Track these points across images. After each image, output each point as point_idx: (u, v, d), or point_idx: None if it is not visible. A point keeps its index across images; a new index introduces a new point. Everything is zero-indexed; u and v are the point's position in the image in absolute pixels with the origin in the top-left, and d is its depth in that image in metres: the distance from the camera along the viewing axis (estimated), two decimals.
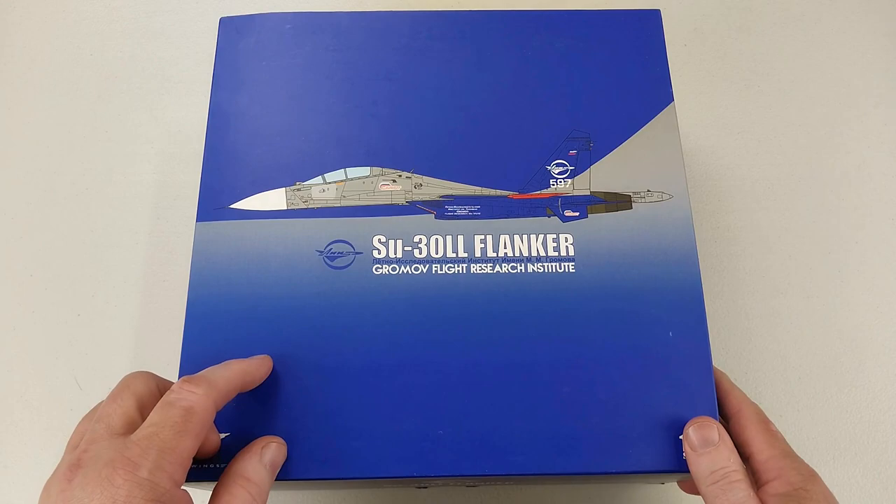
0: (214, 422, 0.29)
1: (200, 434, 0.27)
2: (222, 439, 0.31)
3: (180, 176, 0.50)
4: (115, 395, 0.28)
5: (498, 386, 0.32)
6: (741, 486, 0.29)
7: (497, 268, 0.34)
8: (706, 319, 0.33)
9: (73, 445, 0.29)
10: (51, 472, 0.43)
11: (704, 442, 0.30)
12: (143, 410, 0.28)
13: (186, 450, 0.26)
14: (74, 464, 0.26)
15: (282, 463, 0.30)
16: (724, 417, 0.33)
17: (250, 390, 0.32)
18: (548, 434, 0.31)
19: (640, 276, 0.34)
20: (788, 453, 0.31)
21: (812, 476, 0.30)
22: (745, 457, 0.31)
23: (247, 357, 0.32)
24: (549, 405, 0.32)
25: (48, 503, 0.25)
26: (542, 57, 0.39)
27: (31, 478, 0.42)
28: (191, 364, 0.32)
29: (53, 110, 0.52)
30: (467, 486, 0.41)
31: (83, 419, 0.30)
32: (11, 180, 0.50)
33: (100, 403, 0.29)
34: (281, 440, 0.31)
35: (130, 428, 0.27)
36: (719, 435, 0.30)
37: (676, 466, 0.31)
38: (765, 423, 0.32)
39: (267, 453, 0.30)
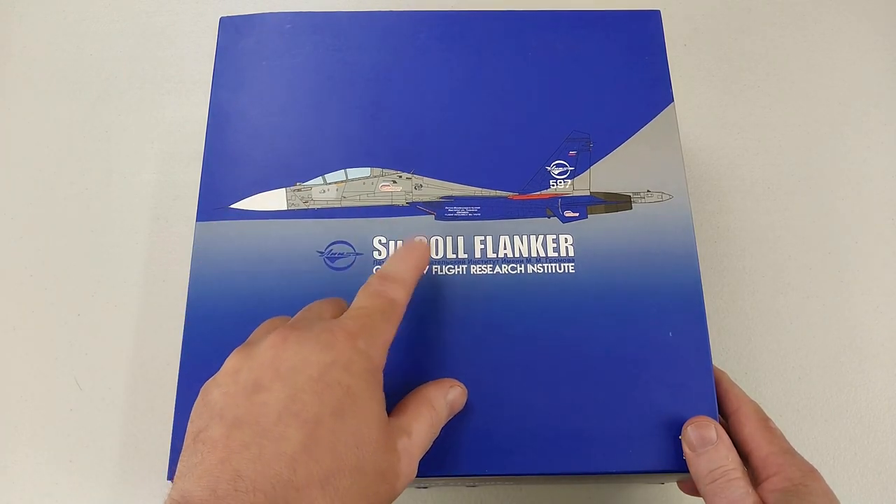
0: None
1: (394, 330, 0.28)
2: None
3: (180, 176, 0.50)
4: (315, 302, 0.30)
5: (497, 386, 0.32)
6: (739, 484, 0.29)
7: (497, 269, 0.34)
8: (706, 319, 0.33)
9: (289, 322, 0.29)
10: (50, 473, 0.43)
11: (703, 441, 0.30)
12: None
13: (390, 336, 0.28)
14: (294, 326, 0.26)
15: (458, 410, 0.31)
16: (724, 416, 0.33)
17: None
18: (548, 434, 0.31)
19: (640, 277, 0.34)
20: (788, 450, 0.31)
21: (812, 472, 0.30)
22: (744, 455, 0.31)
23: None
24: (549, 405, 0.32)
25: (262, 353, 0.25)
26: (542, 57, 0.39)
27: (31, 478, 0.42)
28: (191, 364, 0.32)
29: (53, 110, 0.52)
30: (467, 486, 0.41)
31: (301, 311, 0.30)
32: (11, 180, 0.50)
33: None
34: (464, 389, 0.31)
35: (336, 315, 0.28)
36: (717, 434, 0.30)
37: (676, 466, 0.31)
38: (763, 420, 0.32)
39: (451, 393, 0.30)
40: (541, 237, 0.35)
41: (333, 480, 0.23)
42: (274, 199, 0.36)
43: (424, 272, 0.31)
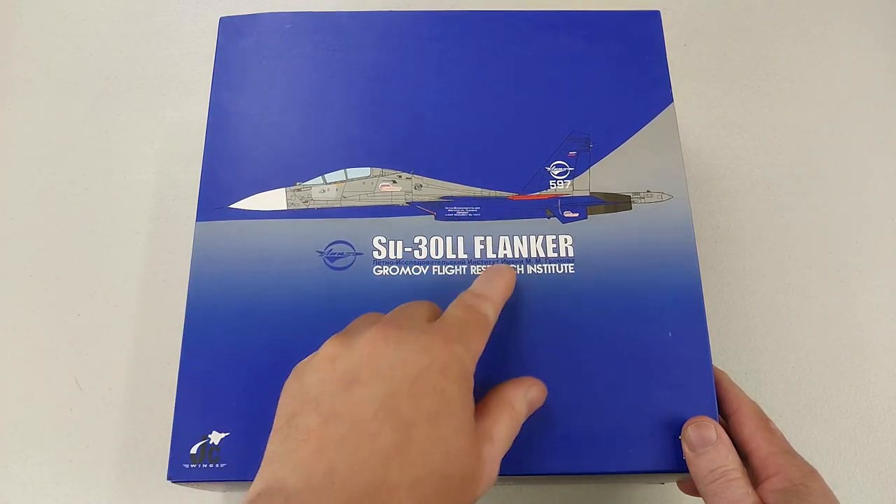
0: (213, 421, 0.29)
1: (486, 342, 0.28)
2: (222, 438, 0.31)
3: (180, 176, 0.50)
4: (430, 305, 0.30)
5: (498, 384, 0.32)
6: (739, 484, 0.29)
7: None
8: (706, 319, 0.33)
9: (389, 317, 0.29)
10: (50, 473, 0.43)
11: (702, 441, 0.30)
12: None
13: (481, 349, 0.28)
14: (387, 324, 0.26)
15: (538, 408, 0.30)
16: (724, 416, 0.33)
17: (252, 390, 0.32)
18: (548, 434, 0.31)
19: (639, 277, 0.34)
20: (788, 450, 0.31)
21: (812, 473, 0.29)
22: (744, 455, 0.31)
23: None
24: (549, 405, 0.32)
25: (361, 346, 0.26)
26: (542, 57, 0.39)
27: (31, 478, 0.42)
28: (191, 364, 0.32)
29: (53, 110, 0.52)
30: None
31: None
32: (11, 180, 0.50)
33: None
34: (544, 386, 0.31)
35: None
36: (717, 434, 0.30)
37: (676, 466, 0.31)
38: (764, 421, 0.32)
39: (531, 392, 0.30)
40: (540, 237, 0.35)
41: (422, 485, 0.23)
42: (274, 199, 0.36)
43: (510, 296, 0.32)
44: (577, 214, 0.35)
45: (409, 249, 0.34)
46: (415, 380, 0.25)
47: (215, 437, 0.31)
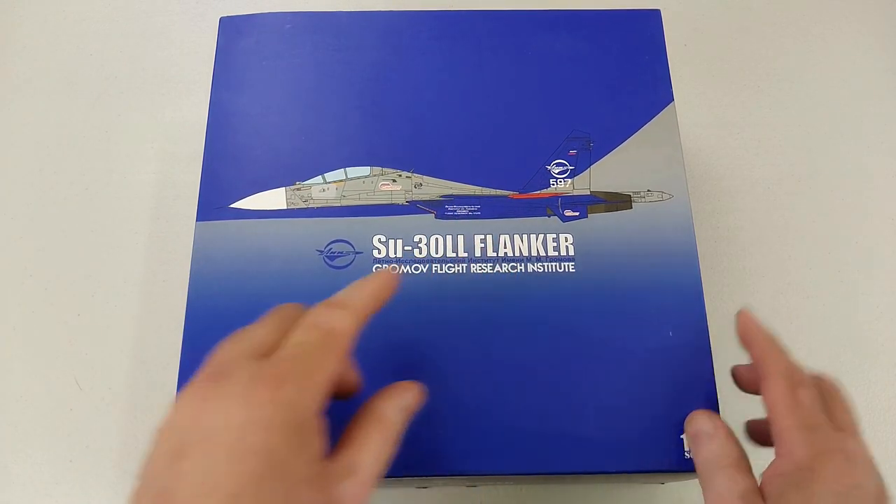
0: None
1: (342, 359, 0.26)
2: None
3: (180, 176, 0.50)
4: (262, 319, 0.27)
5: (497, 386, 0.32)
6: (727, 473, 0.27)
7: (497, 267, 0.34)
8: (706, 319, 0.33)
9: (216, 361, 0.27)
10: (50, 473, 0.43)
11: (697, 434, 0.30)
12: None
13: (330, 372, 0.25)
14: (218, 373, 0.24)
15: (416, 411, 0.28)
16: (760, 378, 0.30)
17: None
18: (547, 434, 0.31)
19: (640, 276, 0.34)
20: (811, 425, 0.27)
21: (828, 453, 0.26)
22: (770, 423, 0.28)
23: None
24: (549, 405, 0.32)
25: (185, 409, 0.24)
26: (542, 57, 0.39)
27: (31, 478, 0.42)
28: (191, 364, 0.32)
29: (53, 110, 0.52)
30: (467, 486, 0.41)
31: (226, 340, 0.28)
32: (11, 180, 0.50)
33: (245, 327, 0.28)
34: (421, 387, 0.29)
35: (274, 349, 0.26)
36: (713, 425, 0.29)
37: (676, 466, 0.31)
38: (792, 386, 0.28)
39: (404, 399, 0.28)
40: (541, 236, 0.35)
41: None
42: (274, 199, 0.36)
43: (386, 299, 0.29)
44: (577, 213, 0.35)
45: (409, 248, 0.34)
46: (236, 443, 0.22)
47: None
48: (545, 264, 0.34)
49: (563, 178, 0.36)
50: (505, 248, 0.35)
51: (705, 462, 0.29)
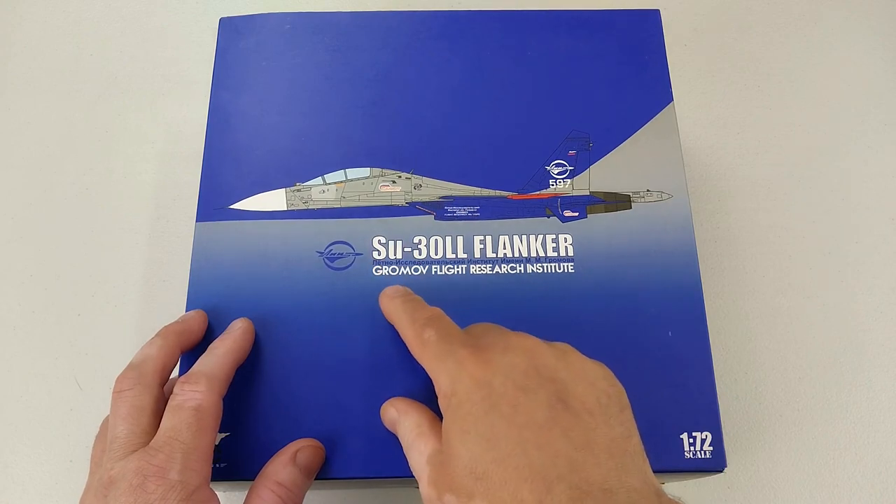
0: None
1: (215, 427, 0.28)
2: (222, 439, 0.31)
3: (180, 176, 0.50)
4: (123, 415, 0.28)
5: None
6: (413, 449, 0.27)
7: (496, 268, 0.34)
8: (706, 319, 0.33)
9: (96, 463, 0.29)
10: (50, 473, 0.43)
11: (392, 425, 0.30)
12: (154, 416, 0.29)
13: (207, 446, 0.27)
14: (106, 481, 0.26)
15: (319, 466, 0.30)
16: None
17: (252, 390, 0.32)
18: None
19: (639, 276, 0.34)
20: (441, 353, 0.27)
21: (460, 365, 0.26)
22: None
23: (222, 333, 0.32)
24: None
25: None
26: (542, 57, 0.39)
27: (30, 478, 0.42)
28: (190, 364, 0.32)
29: (53, 110, 0.52)
30: None
31: (98, 437, 0.31)
32: (11, 180, 0.50)
33: (108, 417, 0.29)
34: (317, 443, 0.30)
35: (147, 438, 0.28)
36: (397, 409, 0.29)
37: (676, 466, 0.31)
38: (418, 331, 0.29)
39: (302, 457, 0.29)
40: (540, 237, 0.35)
41: None
42: (274, 200, 0.36)
43: (245, 350, 0.31)
44: (576, 214, 0.35)
45: (409, 249, 0.34)
46: None
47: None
48: (545, 265, 0.34)
49: (562, 179, 0.36)
50: (504, 248, 0.35)
51: (404, 449, 0.28)
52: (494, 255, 0.34)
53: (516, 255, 0.34)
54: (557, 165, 0.36)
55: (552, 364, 0.26)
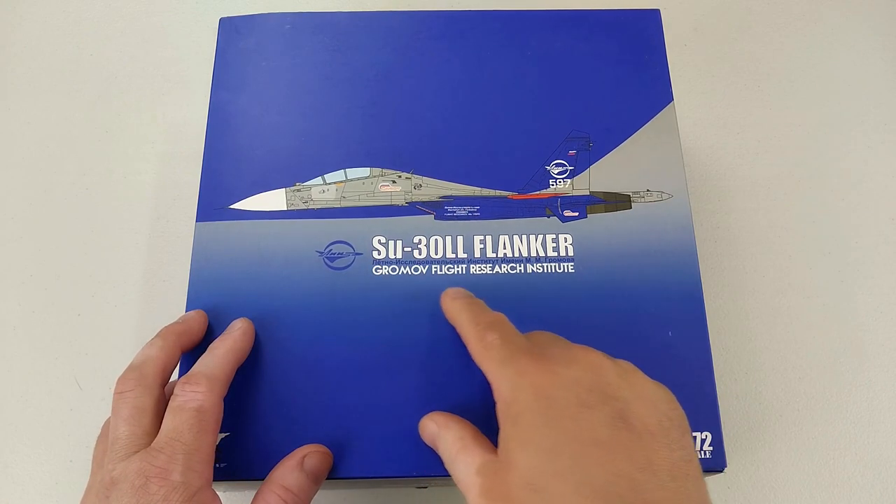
0: None
1: (216, 428, 0.28)
2: (222, 439, 0.31)
3: (180, 176, 0.50)
4: (124, 417, 0.28)
5: None
6: (459, 461, 0.26)
7: (496, 268, 0.34)
8: (706, 319, 0.33)
9: (98, 464, 0.29)
10: (50, 473, 0.43)
11: (432, 440, 0.29)
12: (155, 417, 0.29)
13: (209, 447, 0.28)
14: (108, 482, 0.26)
15: (326, 472, 0.30)
16: None
17: (252, 390, 0.32)
18: None
19: (639, 276, 0.34)
20: (503, 359, 0.26)
21: (522, 374, 0.25)
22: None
23: (222, 333, 0.32)
24: None
25: None
26: (541, 57, 0.39)
27: (31, 478, 0.42)
28: (190, 364, 0.32)
29: (53, 110, 0.52)
30: None
31: (100, 438, 0.30)
32: (11, 180, 0.50)
33: (109, 418, 0.29)
34: (325, 449, 0.30)
35: (149, 439, 0.28)
36: (436, 423, 0.29)
37: None
38: (480, 334, 0.28)
39: (309, 462, 0.29)
40: (540, 237, 0.35)
41: None
42: (274, 200, 0.36)
43: (245, 350, 0.31)
44: (576, 214, 0.35)
45: (409, 249, 0.34)
46: None
47: None
48: (545, 265, 0.34)
49: (562, 179, 0.36)
50: (504, 248, 0.35)
51: (445, 463, 0.28)
52: (494, 255, 0.34)
53: (516, 254, 0.34)
54: (557, 165, 0.36)
55: (616, 382, 0.25)
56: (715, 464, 0.31)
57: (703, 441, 0.31)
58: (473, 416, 0.30)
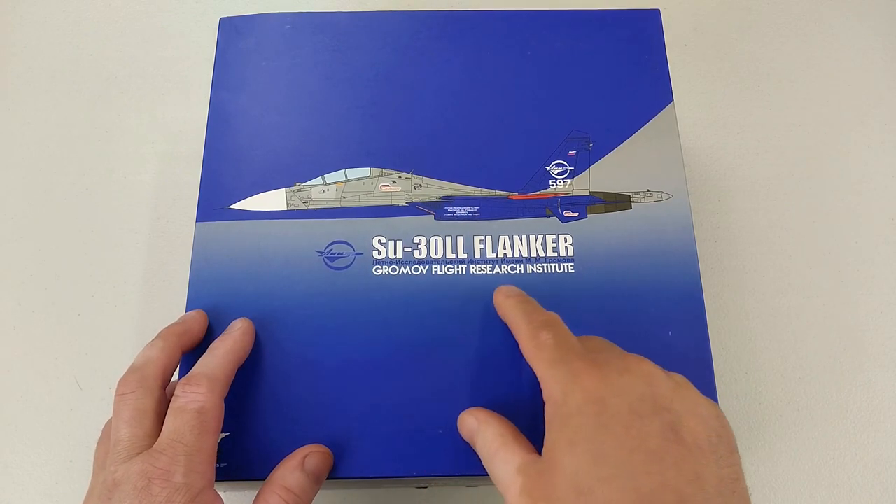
0: None
1: (217, 429, 0.29)
2: (223, 440, 0.31)
3: (180, 176, 0.50)
4: (126, 419, 0.28)
5: (498, 386, 0.32)
6: (498, 458, 0.26)
7: (497, 268, 0.34)
8: (706, 319, 0.33)
9: (100, 466, 0.29)
10: (50, 473, 0.43)
11: (470, 435, 0.29)
12: (157, 419, 0.29)
13: (210, 448, 0.28)
14: (110, 484, 0.26)
15: (327, 472, 0.30)
16: None
17: (252, 390, 0.32)
18: None
19: (639, 276, 0.34)
20: (555, 359, 0.26)
21: (574, 377, 0.25)
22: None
23: (222, 333, 0.32)
24: None
25: None
26: (542, 57, 0.39)
27: (31, 478, 0.42)
28: (190, 364, 0.32)
29: (53, 110, 0.52)
30: (467, 486, 0.41)
31: (101, 440, 0.30)
32: (11, 180, 0.50)
33: (110, 420, 0.29)
34: (326, 449, 0.30)
35: (150, 441, 0.28)
36: (477, 419, 0.29)
37: None
38: (534, 332, 0.28)
39: (310, 462, 0.30)
40: (540, 237, 0.35)
41: None
42: (274, 200, 0.36)
43: (246, 350, 0.32)
44: (576, 214, 0.35)
45: (409, 249, 0.34)
46: None
47: None
48: (545, 265, 0.34)
49: (562, 179, 0.36)
50: (504, 249, 0.35)
51: (483, 459, 0.28)
52: (494, 256, 0.34)
53: (516, 255, 0.34)
54: (557, 165, 0.36)
55: (668, 394, 0.25)
56: None
57: None
58: None
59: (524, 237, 0.35)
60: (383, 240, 0.35)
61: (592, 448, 0.23)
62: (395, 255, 0.34)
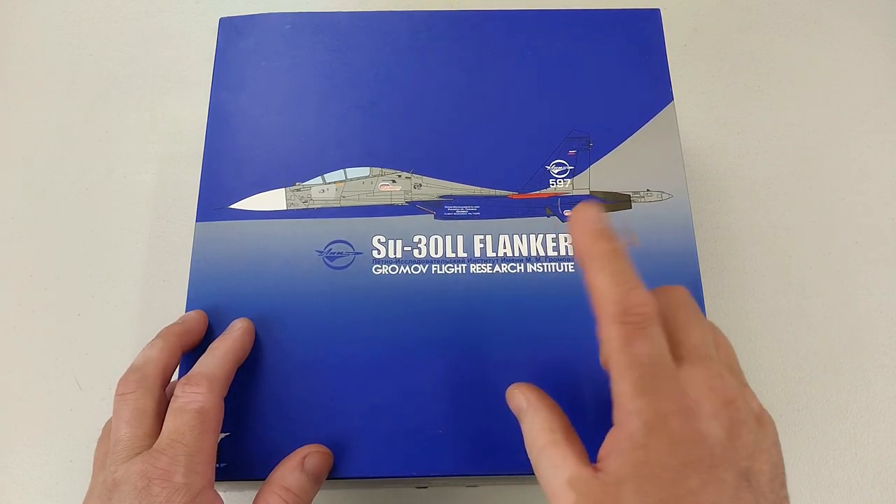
0: None
1: (217, 429, 0.29)
2: (223, 439, 0.31)
3: (180, 176, 0.50)
4: (126, 419, 0.28)
5: (498, 385, 0.32)
6: (545, 456, 0.25)
7: (496, 268, 0.34)
8: None
9: (100, 466, 0.29)
10: (50, 473, 0.43)
11: (518, 411, 0.27)
12: (157, 419, 0.29)
13: (210, 448, 0.28)
14: (110, 484, 0.27)
15: (327, 472, 0.30)
16: None
17: (252, 390, 0.32)
18: None
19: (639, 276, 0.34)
20: (646, 388, 0.22)
21: (662, 420, 0.22)
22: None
23: (222, 333, 0.32)
24: None
25: None
26: (542, 57, 0.39)
27: (31, 478, 0.42)
28: (190, 364, 0.32)
29: (53, 110, 0.52)
30: (467, 486, 0.41)
31: (101, 440, 0.30)
32: (11, 180, 0.50)
33: (110, 420, 0.29)
34: (326, 450, 0.30)
35: (150, 441, 0.28)
36: (527, 401, 0.27)
37: None
38: (628, 335, 0.23)
39: (310, 462, 0.30)
40: (540, 236, 0.35)
41: None
42: (273, 199, 0.36)
43: (243, 356, 0.32)
44: None
45: (409, 249, 0.34)
46: None
47: None
48: (544, 264, 0.34)
49: (562, 179, 0.36)
50: (504, 248, 0.35)
51: (526, 444, 0.26)
52: (494, 255, 0.34)
53: (516, 254, 0.34)
54: (557, 165, 0.36)
55: (750, 445, 0.24)
56: None
57: None
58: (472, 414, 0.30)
59: (524, 236, 0.35)
60: (383, 239, 0.35)
61: (661, 497, 0.22)
62: (395, 254, 0.34)
